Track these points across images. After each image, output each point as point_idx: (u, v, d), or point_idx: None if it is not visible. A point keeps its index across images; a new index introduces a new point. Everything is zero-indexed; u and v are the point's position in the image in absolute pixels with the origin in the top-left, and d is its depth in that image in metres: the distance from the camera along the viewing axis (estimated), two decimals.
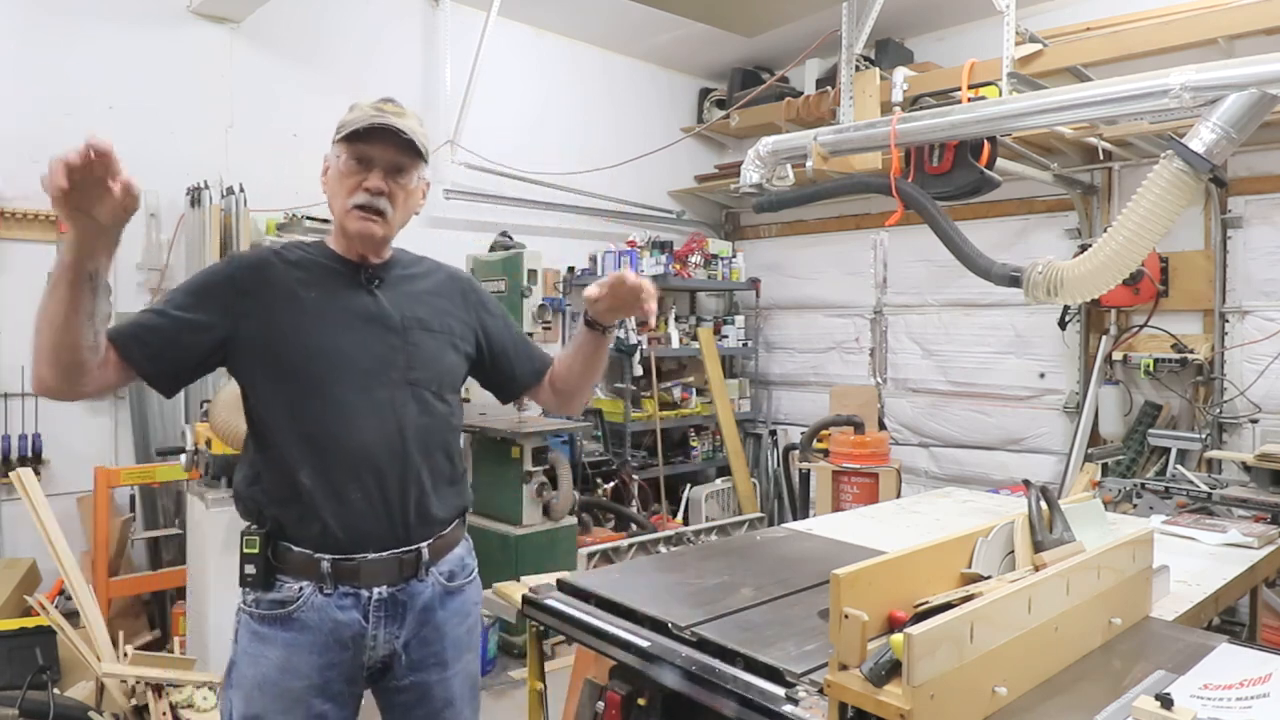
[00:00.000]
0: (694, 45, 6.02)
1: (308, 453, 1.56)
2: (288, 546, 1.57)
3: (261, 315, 1.58)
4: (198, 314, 1.56)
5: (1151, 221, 2.24)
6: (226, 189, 4.15)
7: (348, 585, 1.57)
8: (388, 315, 1.65)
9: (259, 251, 1.69)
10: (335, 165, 1.64)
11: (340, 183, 1.62)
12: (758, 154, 3.34)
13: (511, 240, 4.76)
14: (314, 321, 1.60)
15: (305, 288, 1.62)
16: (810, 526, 2.61)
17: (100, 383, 1.49)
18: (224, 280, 1.61)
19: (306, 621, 1.56)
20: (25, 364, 3.89)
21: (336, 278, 1.66)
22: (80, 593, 2.92)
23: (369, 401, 1.59)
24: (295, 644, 1.55)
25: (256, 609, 1.58)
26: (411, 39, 5.24)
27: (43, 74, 3.95)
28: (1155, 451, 4.57)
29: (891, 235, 4.84)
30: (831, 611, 1.24)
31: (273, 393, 1.59)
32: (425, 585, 1.65)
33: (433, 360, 1.70)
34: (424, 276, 1.77)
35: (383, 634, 1.61)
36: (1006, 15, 3.07)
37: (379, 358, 1.62)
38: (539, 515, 4.28)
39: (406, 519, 1.62)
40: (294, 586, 1.56)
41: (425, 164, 1.69)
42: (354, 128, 1.58)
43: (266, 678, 1.55)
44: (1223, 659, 1.47)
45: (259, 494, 1.60)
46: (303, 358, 1.58)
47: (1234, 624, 3.45)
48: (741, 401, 6.47)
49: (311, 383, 1.58)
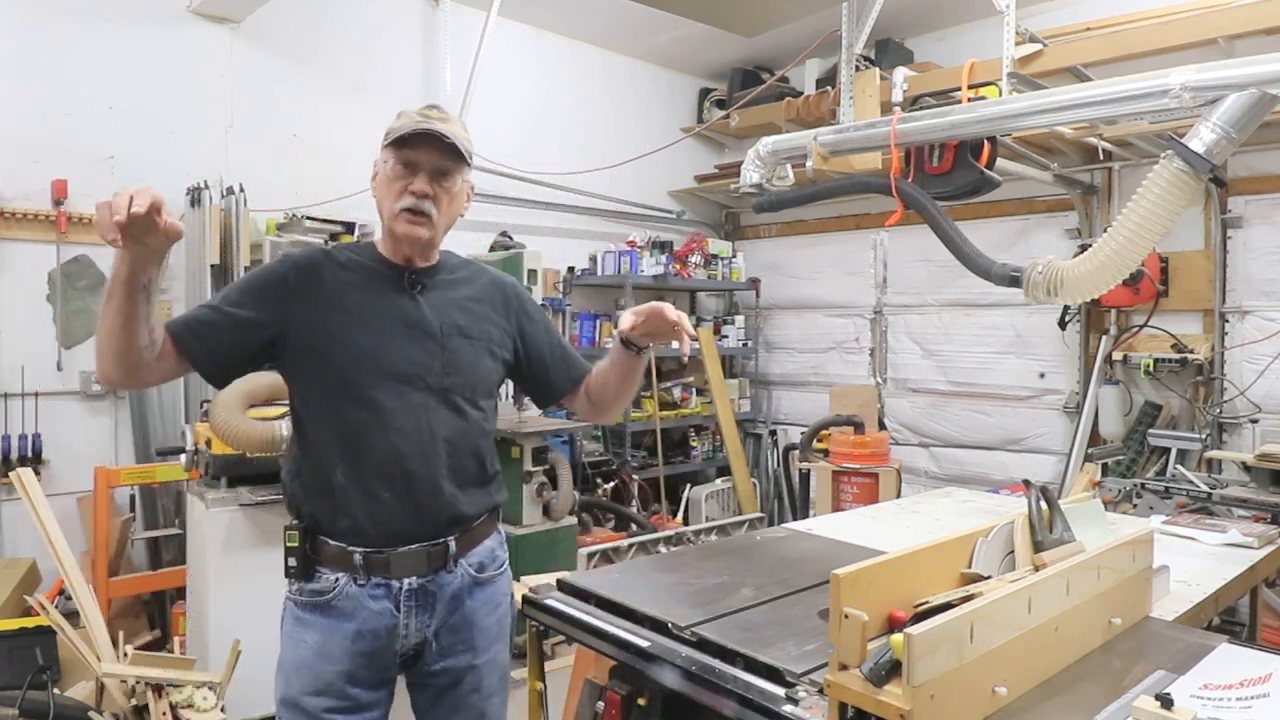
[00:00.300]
0: (694, 45, 6.02)
1: (343, 451, 1.63)
2: (324, 540, 1.65)
3: (308, 316, 1.65)
4: (250, 311, 1.63)
5: (1151, 221, 2.24)
6: (226, 189, 4.15)
7: (379, 576, 1.64)
8: (427, 321, 1.71)
9: (311, 252, 1.75)
10: (383, 170, 1.70)
11: (388, 187, 1.68)
12: (758, 154, 3.34)
13: (511, 240, 4.76)
14: (356, 325, 1.66)
15: (351, 290, 1.68)
16: (810, 526, 2.61)
17: (159, 373, 1.57)
18: (276, 280, 1.67)
19: (342, 610, 1.64)
20: (25, 364, 3.90)
21: (382, 281, 1.71)
22: (80, 593, 2.92)
23: (403, 405, 1.65)
24: (331, 630, 1.64)
25: (299, 597, 1.68)
26: (411, 39, 5.25)
27: (43, 74, 3.95)
28: (1155, 451, 4.57)
29: (891, 235, 4.84)
30: (831, 611, 1.24)
31: (314, 392, 1.66)
32: (454, 576, 1.71)
33: (468, 367, 1.75)
34: (467, 282, 1.82)
35: (414, 623, 1.67)
36: (1006, 15, 3.07)
37: (416, 363, 1.68)
38: (539, 515, 4.28)
39: (435, 517, 1.68)
40: (331, 577, 1.65)
41: (469, 168, 1.75)
42: (400, 133, 1.64)
43: (304, 661, 1.64)
44: (1223, 659, 1.47)
45: (298, 489, 1.69)
46: (343, 360, 1.64)
47: (1234, 624, 3.45)
48: (741, 401, 6.48)
49: (350, 384, 1.64)
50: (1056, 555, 1.53)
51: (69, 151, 3.99)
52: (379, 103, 5.04)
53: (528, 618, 1.95)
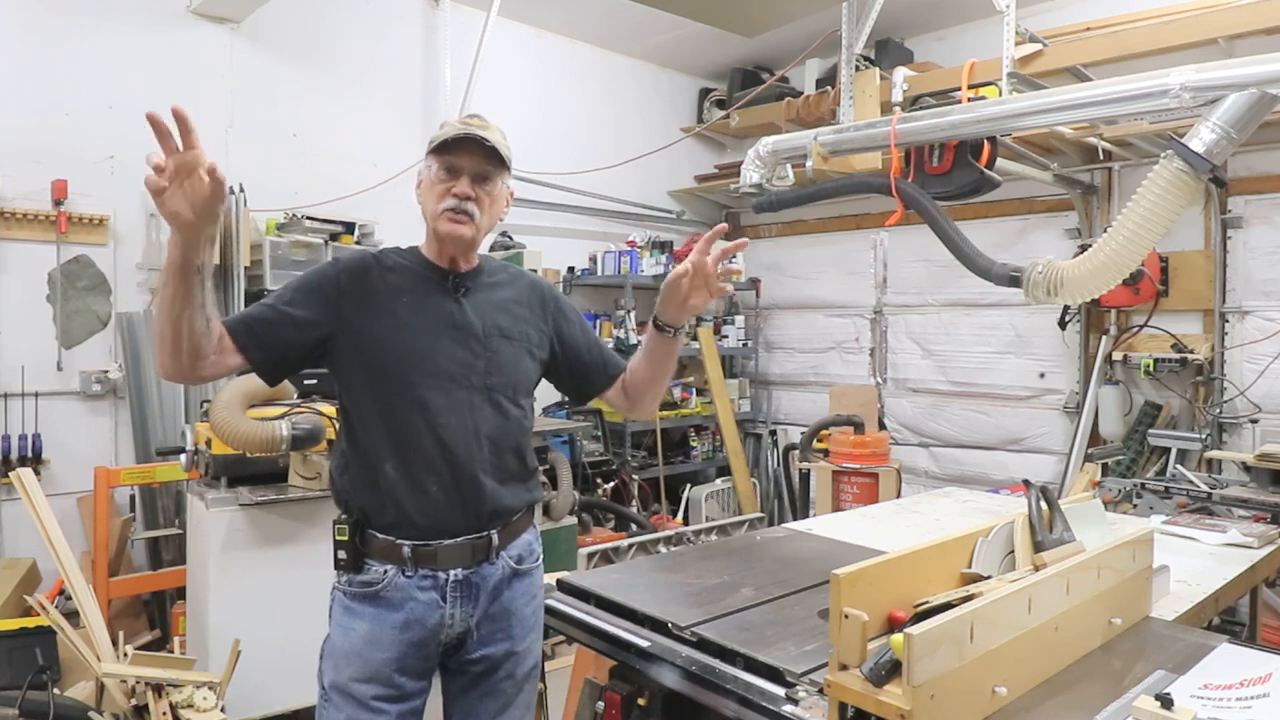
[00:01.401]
0: (694, 45, 6.02)
1: (392, 447, 1.70)
2: (373, 534, 1.71)
3: (360, 317, 1.71)
4: (304, 311, 1.69)
5: (1151, 221, 2.24)
6: (226, 189, 4.14)
7: (426, 568, 1.70)
8: (471, 323, 1.77)
9: (361, 256, 1.81)
10: (427, 175, 1.78)
11: (431, 190, 1.76)
12: (758, 154, 3.34)
13: (511, 240, 4.76)
14: (405, 326, 1.72)
15: (399, 293, 1.75)
16: (810, 526, 2.62)
17: (216, 368, 1.61)
18: (330, 282, 1.73)
19: (391, 600, 1.69)
20: (25, 364, 3.90)
21: (427, 284, 1.78)
22: (80, 593, 2.92)
23: (450, 403, 1.71)
24: (381, 619, 1.69)
25: (349, 588, 1.72)
26: (411, 39, 5.24)
27: (43, 74, 3.95)
28: (1155, 451, 4.57)
29: (891, 235, 4.85)
30: (831, 611, 1.24)
31: (365, 390, 1.72)
32: (496, 567, 1.76)
33: (510, 367, 1.81)
34: (506, 285, 1.89)
35: (459, 613, 1.73)
36: (1006, 15, 3.07)
37: (461, 363, 1.74)
38: (539, 515, 4.28)
39: (479, 511, 1.74)
40: (380, 569, 1.70)
41: (509, 173, 1.85)
42: (443, 139, 1.73)
43: (354, 648, 1.69)
44: (1223, 659, 1.47)
45: (347, 484, 1.75)
46: (394, 360, 1.70)
47: (1234, 624, 3.45)
48: (741, 401, 6.47)
49: (400, 383, 1.70)
50: (1056, 555, 1.53)
51: (69, 151, 3.99)
52: (379, 103, 5.04)
53: None
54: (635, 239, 6.00)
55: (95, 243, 4.07)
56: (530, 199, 5.70)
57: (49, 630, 2.94)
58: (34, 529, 3.06)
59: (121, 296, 4.17)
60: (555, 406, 5.70)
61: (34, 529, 3.06)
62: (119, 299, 4.16)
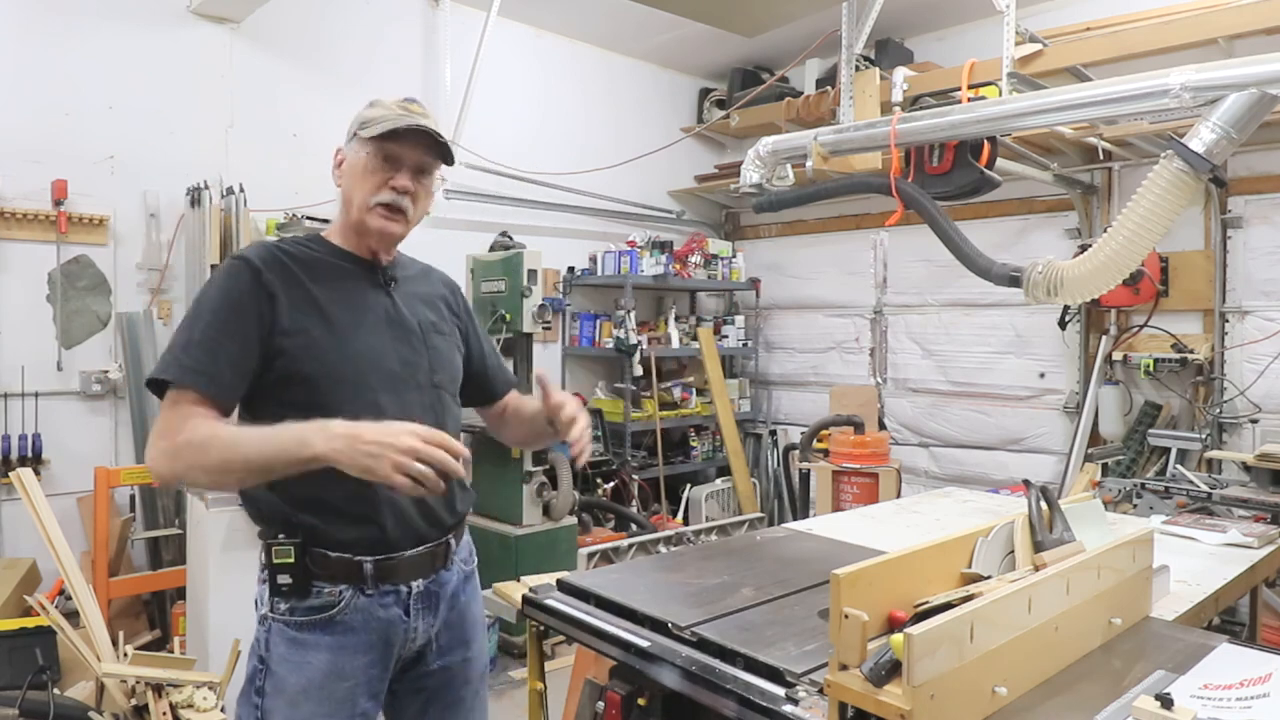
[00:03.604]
0: (694, 45, 6.02)
1: None
2: (324, 553, 1.55)
3: (294, 320, 1.54)
4: (250, 331, 1.52)
5: (1151, 221, 2.24)
6: (226, 189, 4.15)
7: (388, 583, 1.59)
8: (406, 319, 1.67)
9: (269, 251, 1.60)
10: (356, 160, 1.62)
11: (363, 179, 1.61)
12: (758, 154, 3.34)
13: (511, 240, 4.76)
14: (345, 326, 1.59)
15: (326, 289, 1.60)
16: (810, 526, 2.61)
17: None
18: (258, 287, 1.54)
19: (351, 624, 1.56)
20: (25, 364, 3.90)
21: (355, 279, 1.65)
22: (80, 593, 2.92)
23: (400, 405, 1.58)
24: (341, 647, 1.56)
25: (293, 617, 1.55)
26: (411, 39, 5.25)
27: (43, 74, 3.95)
28: (1155, 451, 4.57)
29: (891, 235, 4.85)
30: (831, 611, 1.24)
31: (307, 398, 1.52)
32: (452, 573, 1.71)
33: (449, 363, 1.74)
34: (422, 278, 1.80)
35: (421, 625, 1.65)
36: (1006, 15, 3.07)
37: (406, 361, 1.64)
38: (539, 515, 4.28)
39: (439, 517, 1.66)
40: (333, 591, 1.55)
41: (449, 165, 1.70)
42: (388, 126, 1.57)
43: (312, 683, 1.54)
44: (1223, 659, 1.47)
45: (281, 502, 1.55)
46: (339, 363, 1.56)
47: (1234, 624, 3.45)
48: (741, 401, 6.47)
49: (349, 388, 1.56)
50: (1056, 555, 1.53)
51: (69, 151, 3.99)
52: None
53: (528, 618, 1.95)
54: (635, 239, 6.00)
55: (95, 243, 4.07)
56: (530, 199, 5.70)
57: (49, 630, 2.94)
58: (34, 529, 3.06)
59: (121, 296, 4.17)
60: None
61: (34, 529, 3.06)
62: (119, 299, 4.16)
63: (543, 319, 4.44)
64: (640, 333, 5.74)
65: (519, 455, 4.21)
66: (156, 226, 4.22)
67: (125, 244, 4.17)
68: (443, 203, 5.24)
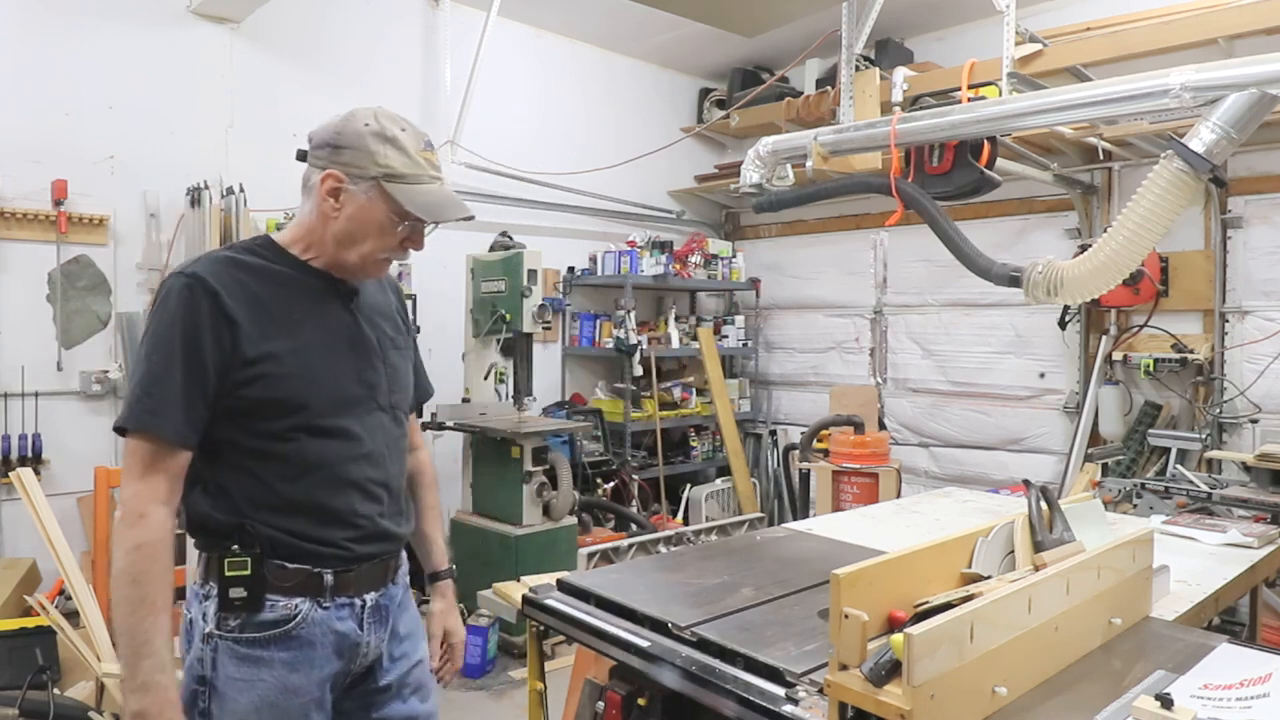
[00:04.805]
0: (694, 45, 6.02)
1: (310, 479, 1.52)
2: (282, 564, 1.50)
3: (254, 343, 1.47)
4: (209, 362, 1.45)
5: (1151, 221, 2.24)
6: (226, 189, 4.15)
7: (344, 596, 1.56)
8: (367, 336, 1.63)
9: (220, 267, 1.51)
10: (371, 208, 1.53)
11: (378, 235, 1.55)
12: (758, 154, 3.34)
13: (511, 240, 4.76)
14: (308, 347, 1.53)
15: (287, 308, 1.53)
16: (810, 526, 2.61)
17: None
18: (213, 313, 1.45)
19: (307, 638, 1.52)
20: (25, 364, 3.90)
21: (317, 295, 1.59)
22: (80, 593, 2.92)
23: (365, 428, 1.58)
24: (296, 662, 1.51)
25: (243, 633, 1.49)
26: (411, 39, 5.25)
27: (43, 74, 3.95)
28: (1155, 451, 4.57)
29: (891, 235, 4.85)
30: (831, 611, 1.24)
31: (269, 422, 1.50)
32: (397, 587, 1.69)
33: (405, 381, 1.72)
34: (376, 287, 1.74)
35: (374, 639, 1.62)
36: (1006, 15, 3.07)
37: (368, 383, 1.61)
38: (539, 515, 4.28)
39: (395, 534, 1.66)
40: (289, 604, 1.51)
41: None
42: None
43: (265, 700, 1.49)
44: (1223, 659, 1.47)
45: (240, 517, 1.50)
46: (302, 387, 1.51)
47: (1234, 624, 3.45)
48: (741, 401, 6.48)
49: (312, 413, 1.52)
50: (1056, 555, 1.53)
51: (69, 151, 3.99)
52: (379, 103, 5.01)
53: (528, 618, 1.95)
54: (635, 239, 6.01)
55: (95, 243, 4.07)
56: (530, 199, 5.70)
57: (49, 630, 2.94)
58: (34, 529, 3.06)
59: (121, 296, 4.17)
60: (555, 406, 5.70)
61: (34, 529, 3.06)
62: (119, 299, 4.16)
63: (543, 319, 4.44)
64: (640, 333, 5.74)
65: (519, 455, 4.21)
66: (156, 226, 4.22)
67: (125, 244, 4.17)
68: None
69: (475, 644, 3.82)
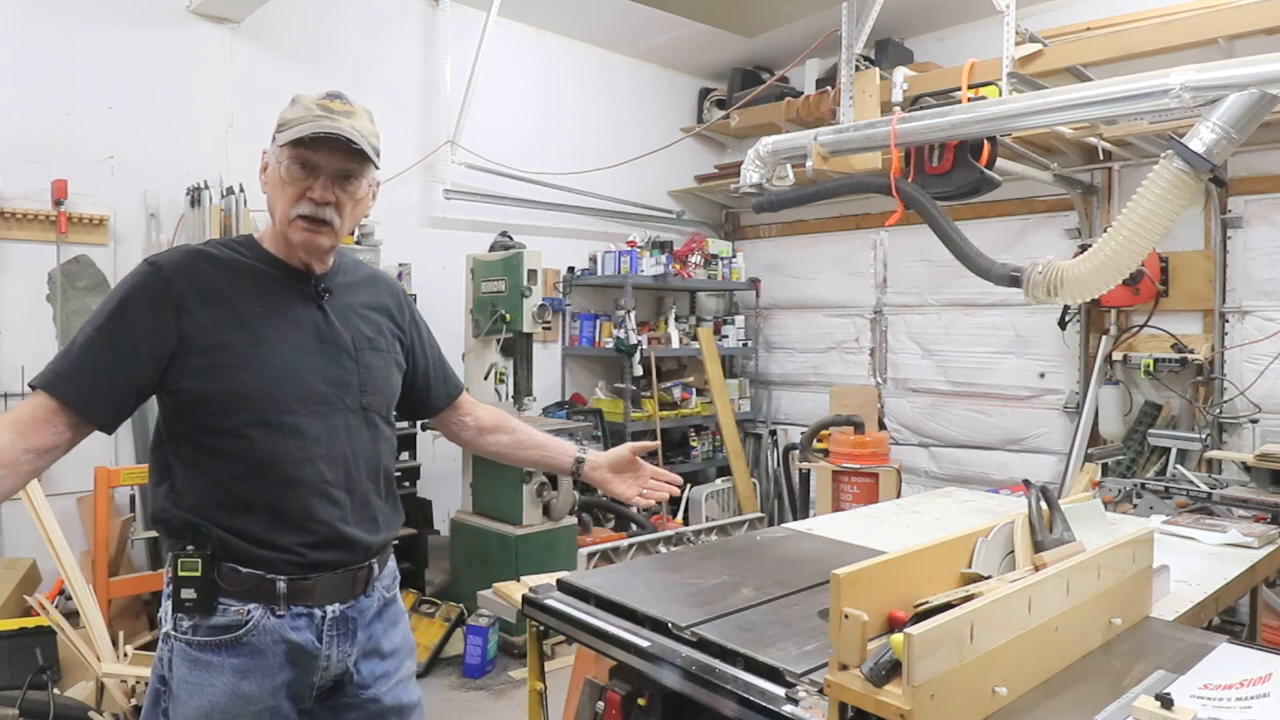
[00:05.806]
0: (694, 45, 6.02)
1: (262, 479, 1.47)
2: (235, 568, 1.46)
3: (206, 334, 1.44)
4: (143, 341, 1.42)
5: (1151, 221, 2.24)
6: (226, 189, 4.15)
7: (301, 605, 1.50)
8: (339, 335, 1.58)
9: (184, 256, 1.50)
10: (275, 168, 1.51)
11: (281, 189, 1.50)
12: (758, 154, 3.34)
13: (511, 240, 4.76)
14: (266, 342, 1.49)
15: (249, 299, 1.49)
16: (810, 526, 2.61)
17: (54, 458, 1.43)
18: (161, 296, 1.43)
19: (258, 646, 1.47)
20: (25, 363, 3.90)
21: (283, 289, 1.54)
22: (80, 593, 2.92)
23: (324, 428, 1.52)
24: (246, 670, 1.47)
25: (194, 636, 1.46)
26: (411, 39, 5.24)
27: (42, 74, 3.95)
28: (1155, 451, 4.57)
29: (891, 235, 4.85)
30: (831, 611, 1.24)
31: (220, 418, 1.45)
32: (371, 600, 1.62)
33: (383, 383, 1.65)
34: (364, 286, 1.70)
35: (336, 653, 1.55)
36: (1006, 15, 3.07)
37: (335, 381, 1.55)
38: (539, 515, 4.28)
39: (359, 542, 1.58)
40: (241, 609, 1.47)
41: (376, 168, 1.57)
42: (300, 133, 1.44)
43: (215, 706, 1.45)
44: (1223, 659, 1.47)
45: (195, 516, 1.47)
46: (256, 383, 1.47)
47: (1234, 624, 3.45)
48: (741, 401, 6.48)
49: (267, 410, 1.47)
50: (1056, 555, 1.53)
51: (69, 151, 3.99)
52: (379, 103, 4.98)
53: (528, 618, 1.95)
54: (635, 239, 6.01)
55: (95, 243, 4.07)
56: (530, 199, 5.70)
57: (49, 630, 2.94)
58: (34, 529, 3.06)
59: None
60: (555, 406, 5.70)
61: (34, 529, 3.06)
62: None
63: (543, 319, 4.43)
64: (640, 333, 5.74)
65: None
66: (156, 226, 4.22)
67: (125, 244, 4.17)
68: (442, 202, 5.25)
69: (475, 644, 3.83)
